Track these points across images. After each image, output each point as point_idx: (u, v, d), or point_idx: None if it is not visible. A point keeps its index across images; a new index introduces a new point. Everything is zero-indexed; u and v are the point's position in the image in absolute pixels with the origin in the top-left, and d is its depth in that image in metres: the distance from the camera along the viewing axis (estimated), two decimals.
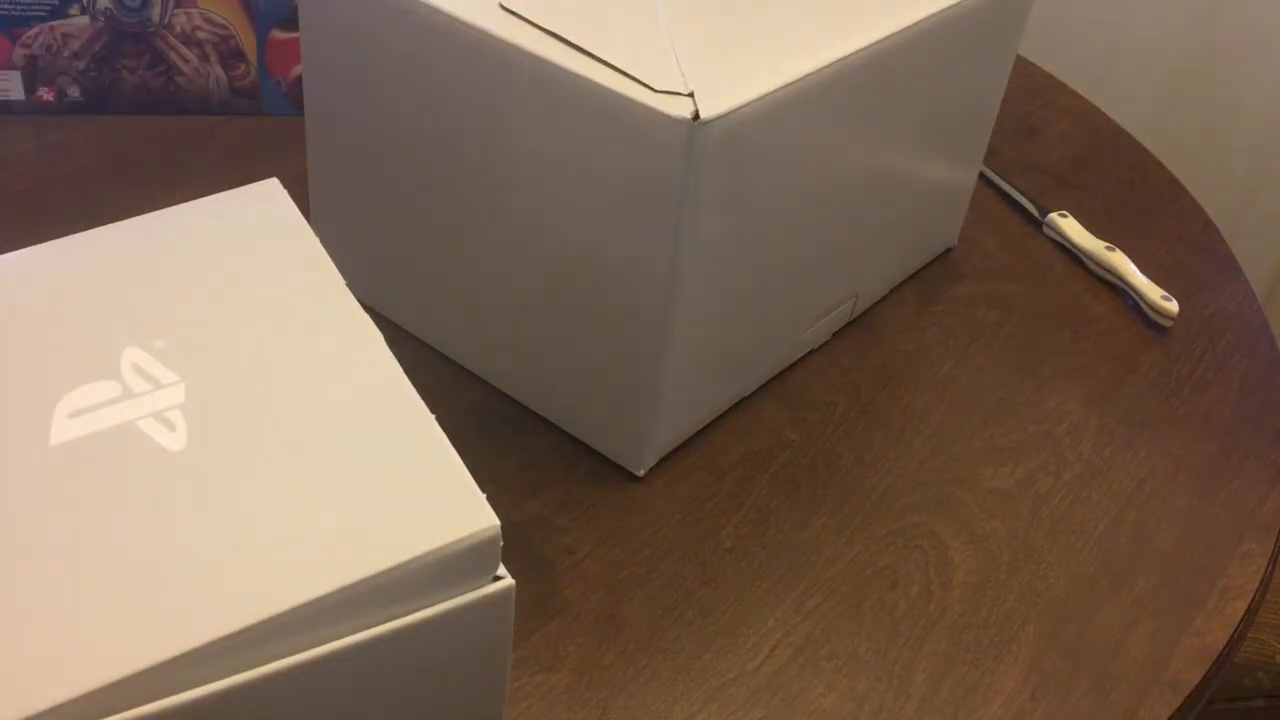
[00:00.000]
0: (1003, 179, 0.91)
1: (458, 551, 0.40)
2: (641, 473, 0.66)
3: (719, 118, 0.55)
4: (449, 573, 0.40)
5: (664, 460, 0.67)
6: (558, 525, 0.64)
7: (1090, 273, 0.84)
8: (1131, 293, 0.82)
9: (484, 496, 0.41)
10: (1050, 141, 0.97)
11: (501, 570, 0.42)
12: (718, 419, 0.70)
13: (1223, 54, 1.37)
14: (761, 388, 0.72)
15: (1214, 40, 1.37)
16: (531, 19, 0.59)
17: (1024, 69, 1.05)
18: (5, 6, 0.83)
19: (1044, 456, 0.71)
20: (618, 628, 0.59)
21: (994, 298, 0.82)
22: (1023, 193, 0.89)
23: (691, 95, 0.55)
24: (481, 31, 0.59)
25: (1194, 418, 0.75)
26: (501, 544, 0.41)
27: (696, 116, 0.54)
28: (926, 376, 0.75)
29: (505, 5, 0.59)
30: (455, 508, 0.41)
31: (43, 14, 0.83)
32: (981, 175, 0.90)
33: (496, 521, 0.41)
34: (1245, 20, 1.35)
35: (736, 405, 0.71)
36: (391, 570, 0.39)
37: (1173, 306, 0.80)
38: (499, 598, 0.42)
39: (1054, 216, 0.87)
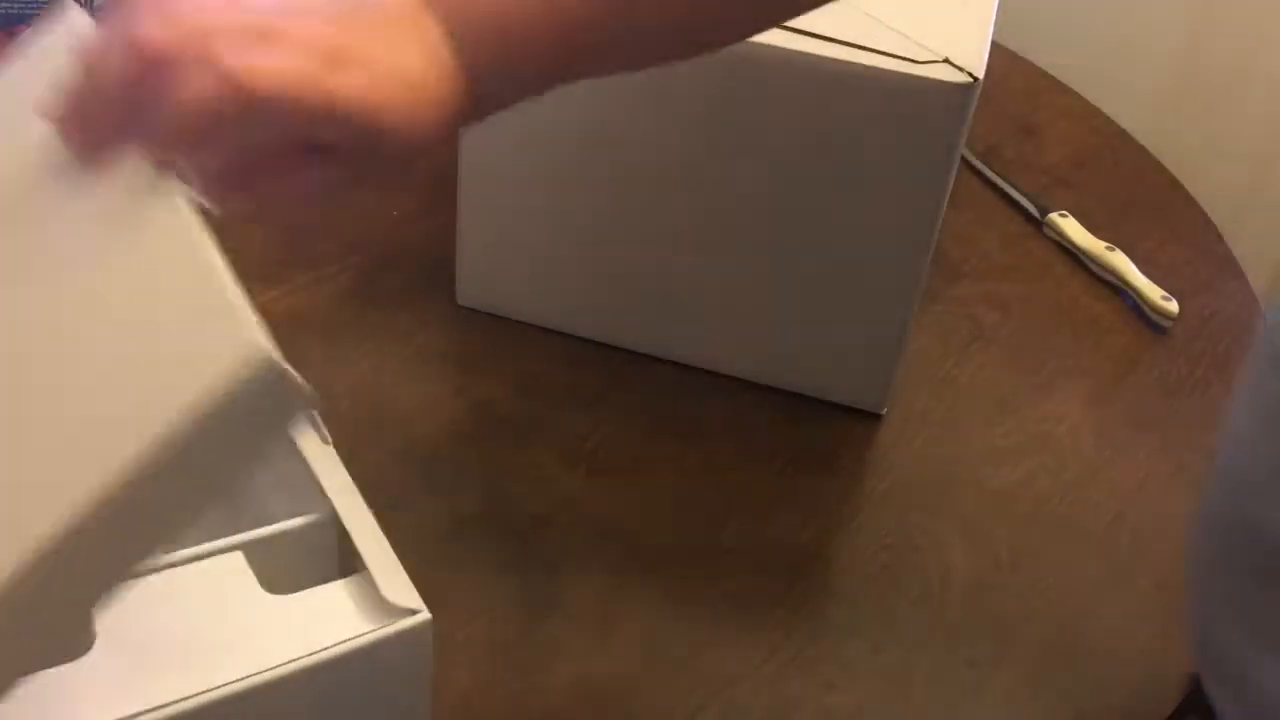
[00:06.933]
0: (1003, 179, 0.91)
1: (239, 395, 0.34)
2: (884, 411, 0.70)
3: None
4: (244, 417, 0.35)
5: (664, 459, 0.67)
6: (560, 525, 0.64)
7: (1090, 273, 0.84)
8: (1131, 293, 0.81)
9: (255, 321, 0.35)
10: (1050, 141, 0.97)
11: (418, 603, 0.41)
12: (718, 418, 0.70)
13: (1223, 54, 1.37)
14: (762, 387, 0.72)
15: (1214, 40, 1.37)
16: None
17: (1024, 69, 1.05)
18: (5, 5, 0.83)
19: (1044, 456, 0.71)
20: (618, 628, 0.59)
21: (994, 298, 0.82)
22: (1023, 193, 0.89)
23: (947, 61, 0.57)
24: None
25: (1194, 418, 0.75)
26: (283, 370, 0.34)
27: (973, 77, 0.57)
28: (926, 376, 0.75)
29: None
30: (223, 348, 0.34)
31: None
32: (982, 175, 0.90)
33: (266, 351, 0.34)
34: (1245, 20, 1.35)
35: (737, 405, 0.71)
36: (178, 436, 0.34)
37: (1173, 306, 0.80)
38: (415, 632, 0.41)
39: (1054, 216, 0.87)
